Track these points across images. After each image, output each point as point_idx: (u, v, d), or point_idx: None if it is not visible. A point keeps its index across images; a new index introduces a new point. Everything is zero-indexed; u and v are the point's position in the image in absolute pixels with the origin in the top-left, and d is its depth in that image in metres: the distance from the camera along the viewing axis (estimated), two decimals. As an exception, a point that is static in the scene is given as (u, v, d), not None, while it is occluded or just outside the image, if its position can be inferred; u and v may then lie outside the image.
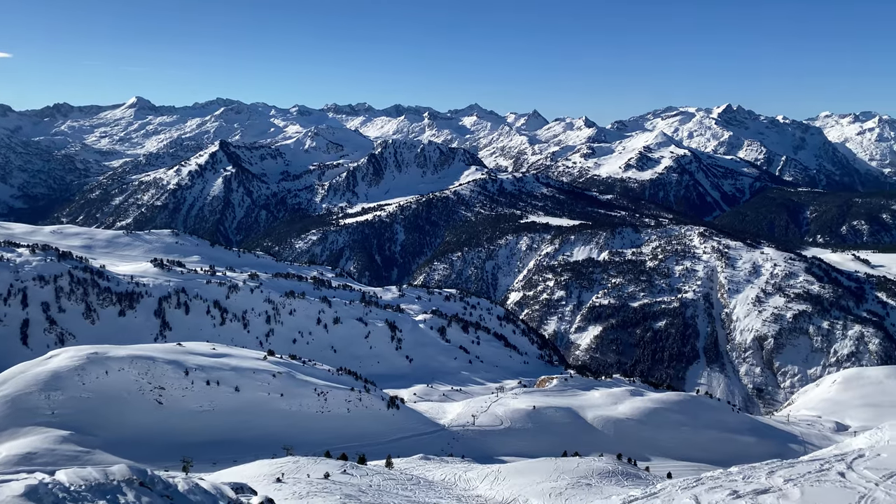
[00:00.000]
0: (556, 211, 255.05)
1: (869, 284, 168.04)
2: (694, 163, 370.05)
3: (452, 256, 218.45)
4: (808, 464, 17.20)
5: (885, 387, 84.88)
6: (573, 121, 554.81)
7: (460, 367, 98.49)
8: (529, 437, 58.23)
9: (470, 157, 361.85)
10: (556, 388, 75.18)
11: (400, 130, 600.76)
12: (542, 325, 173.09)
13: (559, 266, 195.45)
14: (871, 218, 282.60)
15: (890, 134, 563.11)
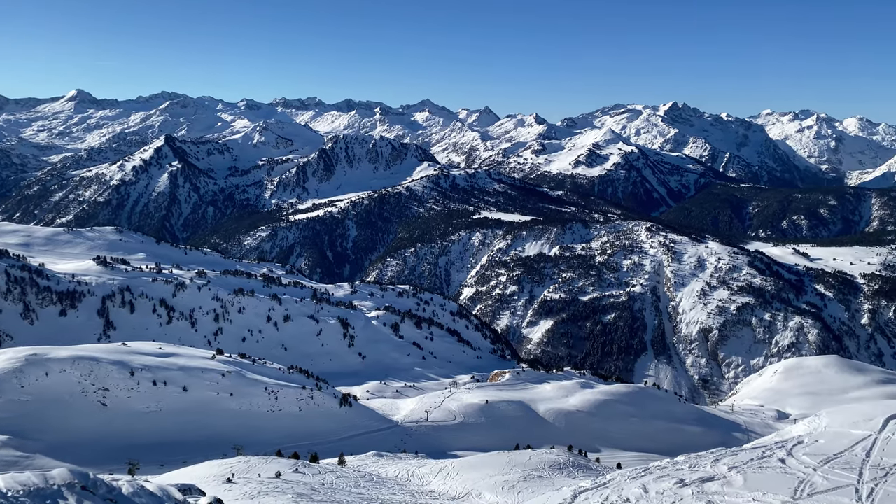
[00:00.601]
0: (508, 207, 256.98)
1: (808, 277, 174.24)
2: (641, 159, 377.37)
3: (405, 252, 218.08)
4: (750, 451, 17.72)
5: (823, 376, 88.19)
6: (524, 117, 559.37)
7: (414, 364, 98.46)
8: (483, 432, 58.60)
9: (422, 152, 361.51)
10: (508, 382, 75.86)
11: (351, 125, 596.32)
12: (495, 319, 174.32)
13: (511, 261, 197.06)
14: (809, 213, 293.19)
15: (827, 132, 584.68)
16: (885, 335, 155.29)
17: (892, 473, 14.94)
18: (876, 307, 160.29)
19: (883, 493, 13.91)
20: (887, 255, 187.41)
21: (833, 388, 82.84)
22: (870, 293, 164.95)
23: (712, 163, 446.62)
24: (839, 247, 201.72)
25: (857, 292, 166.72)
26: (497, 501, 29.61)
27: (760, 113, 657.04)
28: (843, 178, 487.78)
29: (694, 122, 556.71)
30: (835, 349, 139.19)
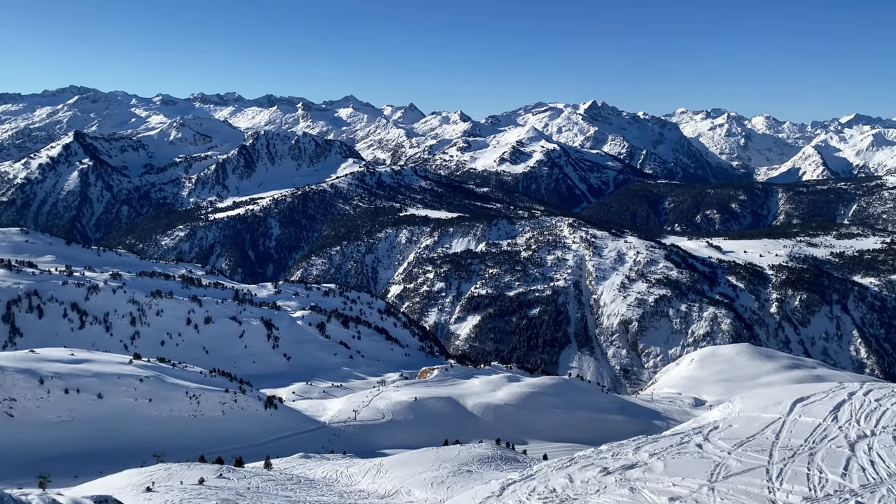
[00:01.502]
0: (434, 204, 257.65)
1: (721, 269, 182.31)
2: (563, 157, 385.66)
3: (331, 251, 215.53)
4: (669, 438, 18.34)
5: (736, 363, 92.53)
6: (449, 115, 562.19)
7: (341, 363, 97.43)
8: (412, 429, 58.59)
9: (347, 149, 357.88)
10: (437, 379, 76.13)
11: (272, 121, 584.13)
12: (423, 316, 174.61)
13: (439, 258, 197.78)
14: (721, 207, 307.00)
15: (737, 129, 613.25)
16: (791, 323, 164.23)
17: (799, 453, 15.76)
18: (783, 296, 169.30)
19: (791, 472, 14.64)
20: (793, 246, 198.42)
21: (745, 375, 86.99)
22: (777, 283, 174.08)
23: (630, 160, 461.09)
24: (749, 240, 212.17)
25: (766, 283, 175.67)
26: (426, 498, 29.66)
27: (675, 111, 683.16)
28: (752, 174, 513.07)
29: (612, 120, 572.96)
30: (746, 337, 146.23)
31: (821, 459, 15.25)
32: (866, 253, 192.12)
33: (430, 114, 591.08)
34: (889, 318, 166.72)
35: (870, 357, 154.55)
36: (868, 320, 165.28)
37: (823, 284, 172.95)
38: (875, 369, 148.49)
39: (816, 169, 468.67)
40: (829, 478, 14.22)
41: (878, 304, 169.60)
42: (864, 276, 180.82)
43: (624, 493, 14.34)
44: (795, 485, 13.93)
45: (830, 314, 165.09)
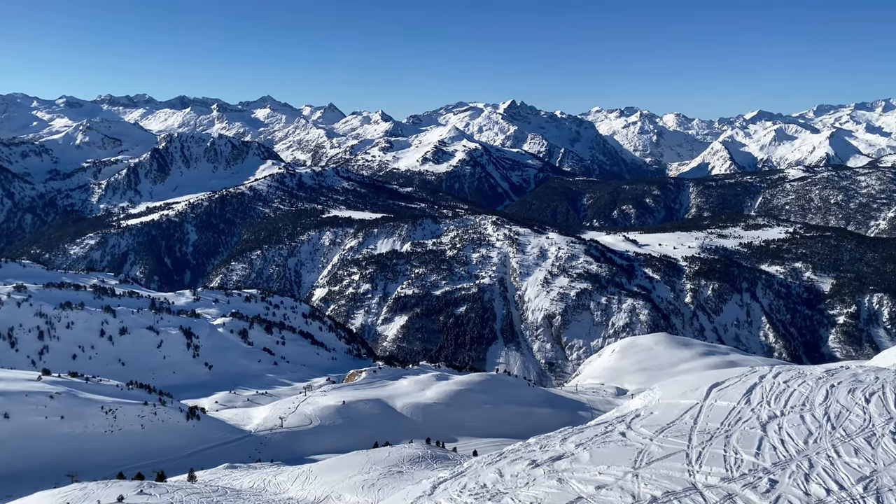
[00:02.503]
0: (358, 204, 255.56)
1: (637, 262, 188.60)
2: (485, 156, 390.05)
3: (251, 255, 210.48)
4: (594, 428, 18.76)
5: (655, 352, 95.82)
6: (370, 114, 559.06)
7: (265, 370, 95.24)
8: (341, 433, 57.89)
9: (265, 150, 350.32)
10: (365, 381, 75.49)
11: (186, 123, 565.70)
12: (349, 319, 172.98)
13: (364, 259, 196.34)
14: (637, 203, 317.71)
15: (650, 127, 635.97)
16: (705, 311, 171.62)
17: (716, 436, 16.42)
18: (697, 286, 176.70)
19: (709, 454, 15.23)
20: (704, 238, 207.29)
21: (664, 363, 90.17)
22: (691, 274, 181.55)
23: (549, 158, 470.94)
24: (663, 233, 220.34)
25: (680, 274, 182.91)
26: (357, 501, 29.36)
27: (590, 110, 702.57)
28: (664, 170, 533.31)
29: (531, 119, 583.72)
30: (663, 327, 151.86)
31: (736, 441, 15.93)
32: (772, 242, 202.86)
33: (351, 114, 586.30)
34: (794, 303, 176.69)
35: (778, 341, 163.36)
36: (775, 306, 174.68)
37: (733, 274, 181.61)
38: (783, 353, 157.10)
39: (724, 163, 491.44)
40: (744, 458, 14.88)
41: (784, 290, 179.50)
42: (770, 265, 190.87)
43: (552, 484, 14.56)
44: (713, 466, 14.50)
45: (741, 302, 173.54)
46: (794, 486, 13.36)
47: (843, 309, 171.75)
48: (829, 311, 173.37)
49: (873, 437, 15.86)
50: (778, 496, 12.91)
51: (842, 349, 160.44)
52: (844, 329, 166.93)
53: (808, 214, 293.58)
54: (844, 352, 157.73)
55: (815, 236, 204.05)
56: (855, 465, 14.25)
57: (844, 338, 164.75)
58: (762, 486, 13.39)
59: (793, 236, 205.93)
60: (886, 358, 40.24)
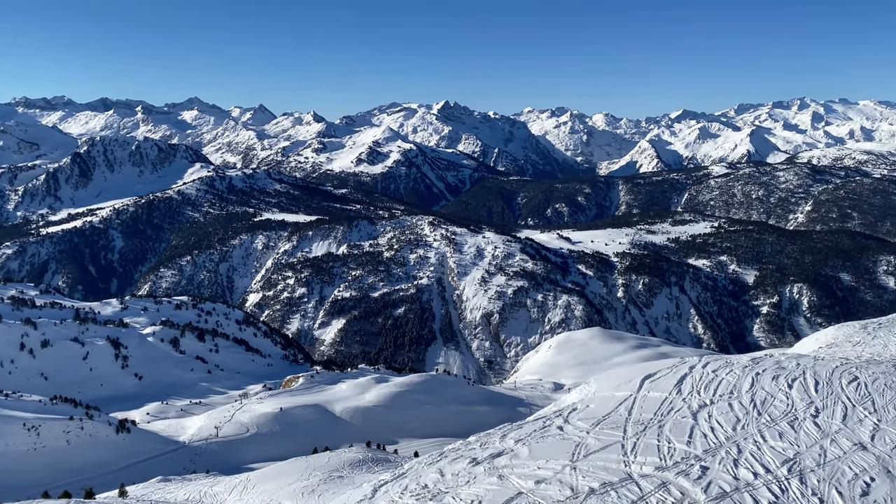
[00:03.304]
0: (291, 207, 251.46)
1: (571, 259, 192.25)
2: (420, 156, 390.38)
3: (181, 261, 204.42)
4: (533, 423, 18.98)
5: (590, 346, 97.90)
6: (302, 115, 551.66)
7: (199, 379, 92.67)
8: (279, 440, 56.89)
9: (194, 153, 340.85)
10: (302, 387, 74.40)
11: (109, 126, 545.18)
12: (285, 324, 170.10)
13: (298, 263, 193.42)
14: (569, 201, 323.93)
15: (580, 127, 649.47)
16: (636, 305, 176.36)
17: (649, 427, 16.84)
18: (628, 281, 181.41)
19: (643, 444, 15.60)
20: (634, 234, 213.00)
21: (598, 357, 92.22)
22: (622, 269, 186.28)
23: (484, 158, 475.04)
24: (595, 230, 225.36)
25: (612, 269, 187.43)
26: (298, 509, 28.86)
27: (523, 111, 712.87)
28: (595, 169, 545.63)
29: (465, 120, 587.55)
30: (597, 321, 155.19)
31: (668, 430, 16.38)
32: (698, 237, 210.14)
33: (282, 115, 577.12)
34: (720, 295, 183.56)
35: (706, 332, 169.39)
36: (703, 299, 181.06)
37: (663, 268, 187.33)
38: (711, 343, 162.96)
39: (652, 161, 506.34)
40: (677, 446, 15.31)
41: (711, 283, 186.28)
42: (697, 259, 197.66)
43: (493, 480, 14.63)
44: (648, 456, 14.86)
45: (670, 295, 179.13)
46: (724, 471, 13.82)
47: (766, 299, 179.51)
48: (754, 302, 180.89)
49: (796, 421, 16.58)
50: (709, 482, 13.33)
51: (766, 338, 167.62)
52: (768, 319, 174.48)
53: (731, 209, 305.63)
54: (768, 340, 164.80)
55: (738, 230, 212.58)
56: (780, 449, 14.86)
57: (768, 327, 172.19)
58: (694, 472, 13.80)
59: (718, 231, 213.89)
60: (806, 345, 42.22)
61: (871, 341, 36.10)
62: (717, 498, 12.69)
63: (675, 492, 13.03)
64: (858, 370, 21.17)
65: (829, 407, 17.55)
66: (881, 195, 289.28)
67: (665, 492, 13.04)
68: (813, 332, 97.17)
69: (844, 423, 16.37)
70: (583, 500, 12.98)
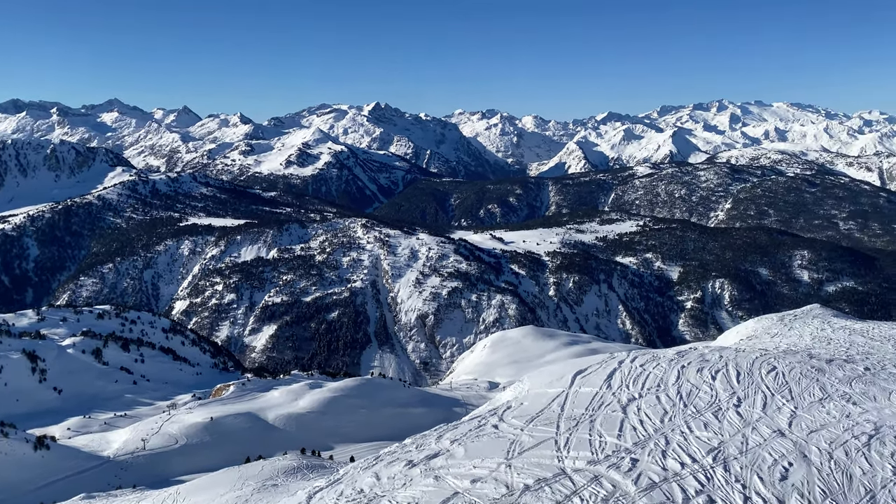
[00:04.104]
0: (219, 211, 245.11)
1: (504, 259, 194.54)
2: (351, 158, 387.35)
3: (103, 269, 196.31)
4: (468, 423, 19.06)
5: (523, 345, 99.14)
6: (228, 117, 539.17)
7: (123, 391, 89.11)
8: (210, 451, 55.31)
9: (114, 157, 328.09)
10: (233, 395, 72.60)
11: (22, 129, 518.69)
12: (214, 331, 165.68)
13: (227, 268, 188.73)
14: (501, 202, 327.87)
15: (510, 129, 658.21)
16: (567, 303, 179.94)
17: (581, 422, 17.17)
18: (559, 280, 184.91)
19: (576, 439, 15.90)
20: (564, 234, 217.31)
21: (532, 355, 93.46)
22: (553, 268, 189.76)
23: (416, 160, 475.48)
24: (527, 230, 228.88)
25: (544, 268, 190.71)
26: (230, 521, 28.13)
27: (454, 113, 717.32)
28: (525, 170, 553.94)
29: (397, 121, 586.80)
30: (530, 320, 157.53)
31: (600, 425, 16.74)
32: (625, 236, 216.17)
33: (208, 116, 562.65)
34: (647, 292, 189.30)
35: (634, 328, 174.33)
36: (630, 295, 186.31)
37: (592, 266, 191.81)
38: (639, 338, 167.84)
39: (579, 162, 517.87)
40: (608, 440, 15.66)
41: (637, 280, 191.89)
42: (624, 256, 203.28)
43: (429, 482, 14.62)
44: (580, 451, 15.14)
45: (599, 292, 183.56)
46: (653, 462, 14.22)
47: (690, 295, 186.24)
48: (678, 298, 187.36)
49: (719, 411, 17.23)
50: (639, 474, 13.68)
51: (690, 332, 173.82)
52: (692, 313, 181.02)
53: (655, 208, 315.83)
54: (693, 334, 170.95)
55: (662, 228, 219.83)
56: (705, 439, 15.41)
57: (692, 321, 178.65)
58: (625, 465, 14.14)
59: (643, 229, 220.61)
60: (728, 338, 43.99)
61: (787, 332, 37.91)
62: (646, 489, 13.03)
63: (606, 485, 13.32)
64: (776, 360, 22.18)
65: (750, 396, 18.31)
66: (795, 193, 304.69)
67: (597, 485, 13.31)
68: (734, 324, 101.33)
69: (764, 412, 17.11)
70: (517, 496, 13.11)
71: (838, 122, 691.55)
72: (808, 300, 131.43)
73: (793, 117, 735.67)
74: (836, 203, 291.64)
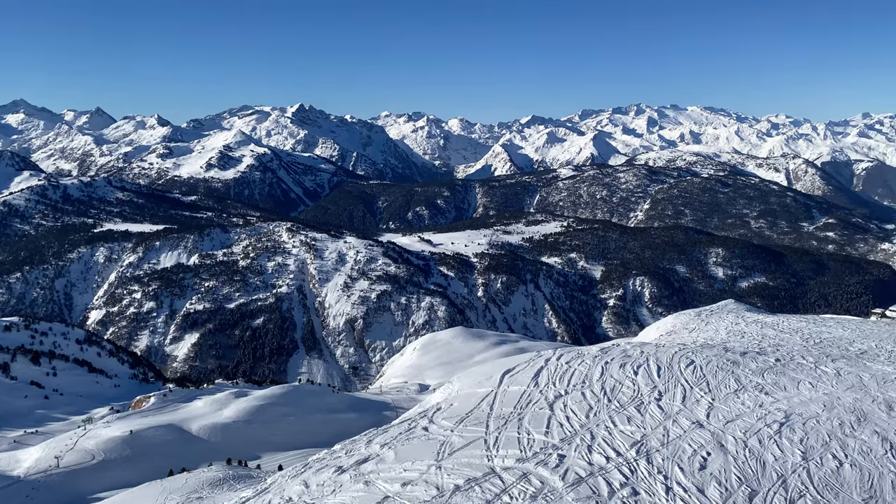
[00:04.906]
0: (136, 216, 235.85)
1: (433, 261, 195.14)
2: (275, 161, 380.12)
3: (10, 279, 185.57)
4: (398, 426, 18.99)
5: (453, 346, 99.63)
6: (145, 119, 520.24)
7: (34, 406, 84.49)
8: (130, 466, 53.10)
9: (21, 160, 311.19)
10: (154, 407, 69.98)
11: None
12: (133, 341, 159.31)
13: (146, 275, 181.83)
14: (429, 204, 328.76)
15: (436, 131, 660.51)
16: (496, 303, 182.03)
17: (510, 420, 17.38)
18: (487, 281, 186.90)
19: (505, 438, 16.08)
20: (491, 235, 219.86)
21: (461, 356, 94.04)
22: (481, 269, 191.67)
23: (342, 162, 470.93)
24: (455, 232, 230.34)
25: (472, 270, 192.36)
26: (152, 537, 27.08)
27: (380, 115, 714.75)
28: (452, 172, 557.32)
29: (322, 123, 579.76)
30: (460, 321, 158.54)
31: (528, 422, 16.98)
32: (550, 236, 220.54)
33: (123, 118, 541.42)
34: (571, 290, 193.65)
35: (560, 326, 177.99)
36: (556, 294, 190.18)
37: (519, 267, 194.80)
38: (565, 336, 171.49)
39: (505, 165, 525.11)
40: (536, 437, 15.90)
41: (562, 279, 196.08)
42: (549, 257, 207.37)
43: (359, 487, 14.48)
44: (509, 449, 15.32)
45: (526, 292, 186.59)
46: (580, 457, 14.53)
47: (613, 293, 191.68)
48: (601, 296, 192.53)
49: (642, 405, 17.77)
50: (566, 469, 13.95)
51: (613, 328, 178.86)
52: (614, 310, 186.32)
53: (579, 209, 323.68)
54: (616, 331, 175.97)
55: (585, 229, 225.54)
56: (628, 432, 15.86)
57: (615, 318, 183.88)
58: (552, 461, 14.39)
59: (567, 230, 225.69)
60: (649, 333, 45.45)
61: (704, 327, 39.48)
62: (573, 484, 13.29)
63: (535, 481, 13.51)
64: (694, 354, 23.05)
65: (671, 390, 18.96)
66: (709, 193, 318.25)
67: (526, 482, 13.49)
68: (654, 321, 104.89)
69: (684, 404, 17.75)
70: (448, 497, 13.14)
71: (748, 125, 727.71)
72: (722, 296, 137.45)
73: (706, 120, 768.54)
74: (748, 202, 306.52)
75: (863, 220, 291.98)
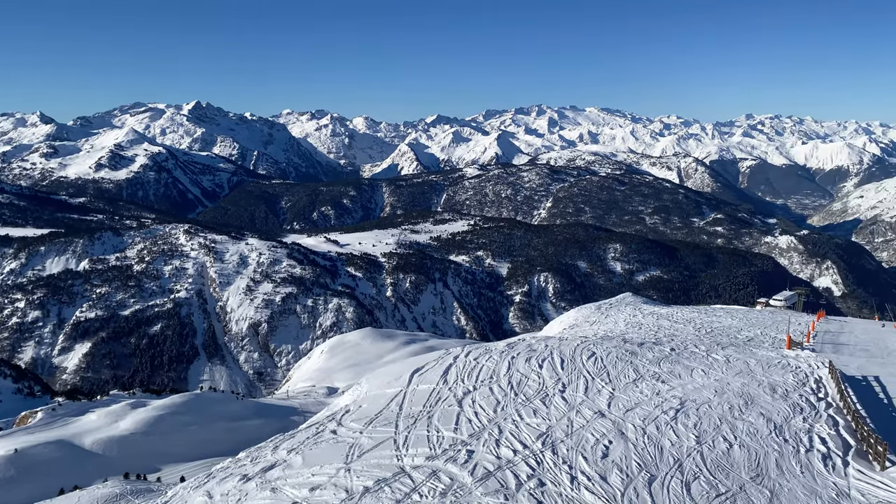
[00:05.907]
0: (17, 220, 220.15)
1: (340, 262, 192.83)
2: (171, 160, 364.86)
3: None
4: (306, 431, 18.64)
5: (361, 347, 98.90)
6: (26, 116, 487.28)
7: None
8: (15, 486, 49.53)
9: None
10: (42, 422, 65.60)
11: None
12: (16, 353, 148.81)
13: (30, 283, 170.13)
14: (335, 204, 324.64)
15: (341, 130, 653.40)
16: (405, 303, 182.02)
17: (420, 419, 17.39)
18: (396, 280, 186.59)
19: (415, 437, 16.08)
20: (399, 235, 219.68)
21: (371, 357, 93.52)
22: (390, 269, 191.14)
23: (242, 161, 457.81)
24: (362, 232, 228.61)
25: (381, 270, 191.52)
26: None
27: (282, 113, 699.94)
28: (358, 171, 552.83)
29: (220, 121, 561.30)
30: (368, 322, 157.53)
31: (437, 420, 17.06)
32: (457, 235, 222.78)
33: (1, 115, 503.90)
34: (479, 288, 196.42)
35: (469, 323, 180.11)
36: (464, 292, 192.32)
37: (427, 266, 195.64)
38: (473, 333, 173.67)
39: (412, 164, 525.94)
40: (445, 434, 15.99)
41: (470, 277, 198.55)
42: (457, 255, 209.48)
43: (266, 495, 14.13)
44: (419, 448, 15.34)
45: (435, 291, 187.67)
46: (488, 452, 14.73)
47: (518, 289, 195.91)
48: (508, 292, 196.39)
49: (547, 398, 18.21)
50: (475, 464, 14.11)
51: (520, 324, 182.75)
52: (520, 306, 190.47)
53: (485, 208, 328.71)
54: (522, 326, 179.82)
55: (491, 227, 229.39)
56: (534, 425, 16.22)
57: (521, 314, 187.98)
58: (461, 457, 14.52)
59: (474, 228, 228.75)
60: (553, 328, 46.70)
61: (604, 320, 40.94)
62: (482, 478, 13.46)
63: (444, 478, 13.59)
64: (595, 346, 23.86)
65: (574, 382, 19.54)
66: (607, 191, 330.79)
67: (436, 480, 13.54)
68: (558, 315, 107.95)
69: (586, 395, 18.33)
70: (357, 500, 13.02)
71: (643, 125, 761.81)
72: (621, 289, 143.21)
73: (603, 121, 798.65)
74: (643, 200, 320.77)
75: (748, 216, 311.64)
